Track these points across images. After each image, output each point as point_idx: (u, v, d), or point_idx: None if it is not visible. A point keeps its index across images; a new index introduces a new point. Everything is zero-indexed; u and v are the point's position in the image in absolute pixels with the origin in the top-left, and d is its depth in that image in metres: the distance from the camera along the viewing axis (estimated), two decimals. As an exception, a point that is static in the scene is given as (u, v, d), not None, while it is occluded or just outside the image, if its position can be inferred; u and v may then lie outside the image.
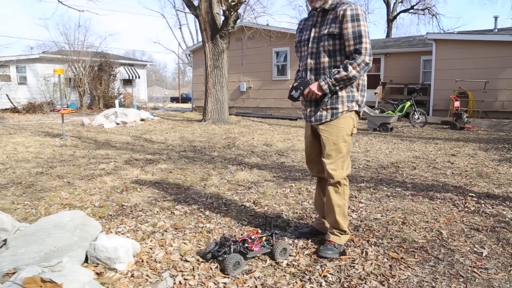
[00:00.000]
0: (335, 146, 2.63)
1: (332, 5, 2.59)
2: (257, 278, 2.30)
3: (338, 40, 2.55)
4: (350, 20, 2.49)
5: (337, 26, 2.53)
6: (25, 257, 2.20)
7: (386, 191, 4.40)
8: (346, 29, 2.50)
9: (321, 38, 2.59)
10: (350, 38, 2.50)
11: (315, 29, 2.65)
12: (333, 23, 2.55)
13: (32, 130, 10.84)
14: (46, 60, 20.22)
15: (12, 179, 4.99)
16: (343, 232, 2.74)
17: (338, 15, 2.53)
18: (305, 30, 2.76)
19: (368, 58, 2.49)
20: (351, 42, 2.50)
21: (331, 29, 2.55)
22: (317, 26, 2.65)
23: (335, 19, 2.54)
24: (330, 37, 2.55)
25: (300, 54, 2.82)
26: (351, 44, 2.51)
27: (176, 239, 2.87)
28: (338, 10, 2.54)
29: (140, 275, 2.28)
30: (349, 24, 2.49)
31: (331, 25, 2.55)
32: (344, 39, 2.52)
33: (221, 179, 4.93)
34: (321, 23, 2.64)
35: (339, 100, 2.60)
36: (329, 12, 2.61)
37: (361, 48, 2.48)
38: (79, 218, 2.56)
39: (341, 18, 2.51)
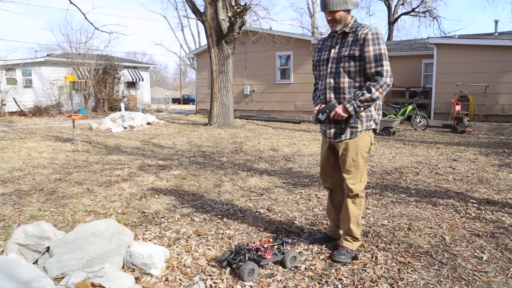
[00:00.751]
0: (354, 162, 2.81)
1: (352, 28, 2.76)
2: (279, 281, 2.54)
3: (358, 62, 2.72)
4: (372, 43, 2.65)
5: (357, 48, 2.69)
6: (70, 263, 2.44)
7: (391, 197, 4.63)
8: (367, 52, 2.66)
9: (341, 59, 2.75)
10: (372, 61, 2.66)
11: (335, 50, 2.81)
12: (353, 45, 2.71)
13: (42, 134, 11.09)
14: (51, 64, 20.50)
15: (33, 185, 5.23)
16: (356, 239, 2.96)
17: (359, 38, 2.69)
18: (323, 50, 2.93)
19: (389, 79, 2.66)
20: (373, 64, 2.67)
21: (351, 51, 2.71)
22: (336, 47, 2.81)
23: (355, 41, 2.71)
24: (350, 58, 2.71)
25: (318, 73, 2.97)
26: (372, 66, 2.67)
27: (200, 245, 3.11)
28: (359, 34, 2.70)
29: (173, 279, 2.53)
30: (370, 47, 2.65)
31: (351, 48, 2.71)
32: (365, 61, 2.69)
33: (233, 185, 5.17)
34: (340, 44, 2.80)
35: (359, 119, 2.77)
36: (349, 35, 2.77)
37: (383, 71, 2.64)
38: (113, 227, 2.79)
39: (362, 41, 2.67)
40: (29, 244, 2.61)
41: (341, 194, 3.13)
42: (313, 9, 31.59)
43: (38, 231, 2.62)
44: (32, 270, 2.19)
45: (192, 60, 32.26)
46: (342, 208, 3.00)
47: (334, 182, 3.07)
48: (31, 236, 2.60)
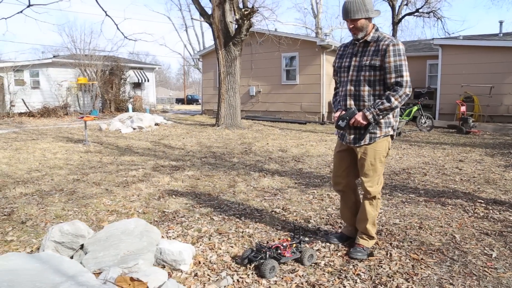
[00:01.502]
0: (372, 166, 2.95)
1: (373, 38, 2.86)
2: (301, 276, 2.70)
3: (378, 72, 2.83)
4: (393, 54, 2.76)
5: (378, 58, 2.80)
6: (105, 260, 2.61)
7: (401, 197, 4.78)
8: (388, 62, 2.77)
9: (362, 68, 2.86)
10: (392, 71, 2.78)
11: (356, 58, 2.92)
12: (374, 55, 2.82)
13: (52, 135, 11.28)
14: (58, 65, 20.73)
15: (53, 186, 5.41)
16: (371, 237, 3.12)
17: (380, 49, 2.80)
18: (345, 57, 3.03)
19: (408, 89, 2.79)
20: (393, 75, 2.78)
21: (372, 61, 2.82)
22: (357, 55, 2.92)
23: (377, 52, 2.81)
24: (371, 68, 2.82)
25: (339, 79, 3.09)
26: (392, 77, 2.79)
27: (222, 242, 3.28)
28: (380, 44, 2.81)
29: (202, 274, 2.69)
30: (391, 58, 2.76)
31: (372, 57, 2.82)
32: (385, 72, 2.80)
33: (247, 185, 5.33)
34: (361, 53, 2.90)
35: (378, 126, 2.90)
36: (370, 44, 2.87)
37: (402, 81, 2.77)
38: (142, 226, 2.95)
39: (384, 52, 2.78)
40: (65, 242, 2.78)
41: (354, 195, 3.28)
42: (317, 9, 31.68)
43: (73, 230, 2.78)
44: (75, 265, 2.36)
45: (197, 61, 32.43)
46: (360, 209, 3.15)
47: (347, 184, 3.21)
48: (66, 234, 2.77)
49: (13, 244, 3.29)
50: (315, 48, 14.94)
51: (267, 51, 16.25)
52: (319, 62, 15.01)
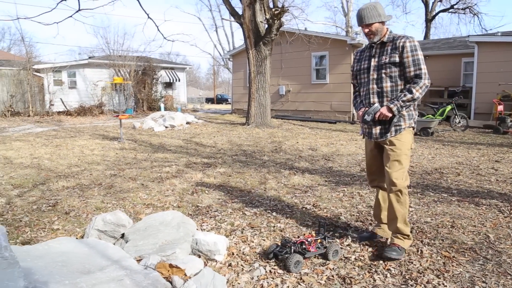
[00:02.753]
0: (397, 157, 3.01)
1: (389, 38, 3.07)
2: (332, 269, 2.77)
3: (398, 67, 3.02)
4: (410, 50, 2.96)
5: (397, 55, 3.00)
6: (145, 248, 2.76)
7: (432, 196, 4.74)
8: (407, 57, 2.97)
9: (382, 66, 3.06)
10: (411, 65, 2.96)
11: (374, 59, 3.11)
12: (393, 53, 3.02)
13: (89, 133, 11.74)
14: (94, 65, 21.47)
15: (92, 180, 5.68)
16: (406, 236, 3.09)
17: (397, 47, 3.00)
18: (363, 60, 3.23)
19: (427, 81, 2.96)
20: (412, 68, 2.97)
21: (392, 58, 3.01)
22: (376, 56, 3.11)
23: (394, 49, 3.01)
24: (391, 64, 3.02)
25: (359, 81, 3.28)
26: (411, 70, 2.97)
27: (255, 236, 3.38)
28: (397, 42, 3.01)
29: (236, 264, 2.80)
30: (409, 53, 2.96)
31: (391, 55, 3.02)
32: (404, 66, 2.99)
33: (277, 182, 5.42)
34: (379, 53, 3.10)
35: (402, 118, 3.04)
36: (387, 44, 3.07)
37: (421, 73, 2.95)
38: (178, 217, 3.10)
39: (401, 49, 2.98)
40: (107, 231, 2.96)
41: None
42: (347, 7, 31.36)
43: (115, 219, 2.96)
44: (119, 251, 2.52)
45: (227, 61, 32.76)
46: (388, 208, 3.14)
47: (381, 180, 3.25)
48: (109, 223, 2.94)
49: (59, 232, 3.51)
50: (345, 47, 14.85)
51: (296, 50, 16.27)
52: (350, 61, 14.88)
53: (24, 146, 9.02)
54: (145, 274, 2.20)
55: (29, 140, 10.01)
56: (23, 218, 3.98)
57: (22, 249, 2.12)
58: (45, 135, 11.17)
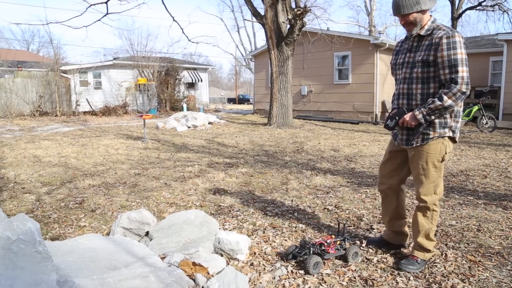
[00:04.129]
0: (424, 171, 2.70)
1: (428, 30, 2.63)
2: (354, 270, 2.75)
3: (432, 68, 2.59)
4: (446, 48, 2.50)
5: (431, 53, 2.57)
6: (169, 246, 2.82)
7: (458, 199, 4.65)
8: (441, 57, 2.52)
9: (415, 64, 2.66)
10: (446, 67, 2.52)
11: (410, 54, 2.73)
12: (427, 50, 2.59)
13: (114, 132, 11.99)
14: (118, 66, 21.91)
15: (117, 179, 5.80)
16: (428, 250, 2.83)
17: (433, 42, 2.56)
18: (400, 53, 2.85)
19: (465, 87, 2.49)
20: (447, 70, 2.52)
21: (425, 56, 2.59)
22: (412, 51, 2.73)
23: (430, 46, 2.58)
24: (424, 64, 2.60)
25: (395, 77, 2.91)
26: (446, 73, 2.53)
27: (277, 236, 3.40)
28: (434, 37, 2.57)
29: (257, 264, 2.83)
30: (444, 52, 2.51)
31: (425, 52, 2.60)
32: (439, 67, 2.56)
33: (299, 183, 5.42)
34: (416, 48, 2.70)
35: (431, 126, 2.65)
36: (424, 38, 2.65)
37: (457, 78, 2.48)
38: (201, 216, 3.14)
39: (437, 45, 2.54)
40: (132, 228, 3.03)
41: (396, 199, 3.05)
42: (370, 7, 30.97)
43: (140, 217, 3.03)
44: (144, 248, 2.58)
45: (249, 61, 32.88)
46: (412, 218, 2.92)
47: (391, 186, 3.01)
48: (134, 221, 3.01)
49: (86, 229, 3.62)
50: (368, 46, 14.68)
51: (319, 50, 16.19)
52: (373, 61, 14.72)
53: (52, 145, 9.29)
54: (169, 271, 2.24)
55: (56, 139, 10.30)
56: (51, 215, 4.12)
57: (53, 244, 2.20)
58: (71, 135, 11.47)
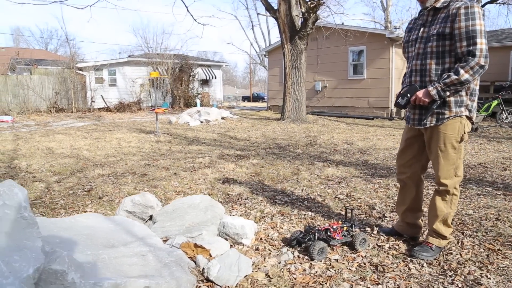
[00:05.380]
0: (442, 153, 2.54)
1: (444, 3, 2.48)
2: (364, 257, 2.63)
3: (448, 41, 2.43)
4: (464, 19, 2.34)
5: (448, 25, 2.41)
6: (172, 229, 2.74)
7: (475, 190, 4.46)
8: (458, 28, 2.36)
9: (429, 38, 2.49)
10: (463, 39, 2.35)
11: (424, 29, 2.57)
12: (443, 22, 2.44)
13: (127, 127, 12.02)
14: (133, 63, 22.06)
15: (126, 169, 5.77)
16: (444, 237, 2.69)
17: (450, 14, 2.41)
18: (414, 30, 2.68)
19: (484, 60, 2.31)
20: (464, 43, 2.35)
21: (441, 28, 2.43)
22: (426, 25, 2.57)
23: (446, 18, 2.43)
24: (439, 37, 2.44)
25: (407, 55, 2.73)
26: (463, 45, 2.36)
27: (284, 223, 3.29)
28: (451, 9, 2.41)
29: (263, 249, 2.72)
30: (462, 23, 2.35)
31: (441, 24, 2.44)
32: (455, 40, 2.39)
33: (311, 174, 5.29)
34: (431, 22, 2.54)
35: (446, 104, 2.49)
36: (440, 11, 2.50)
37: (475, 50, 2.31)
38: (207, 201, 3.05)
39: (454, 16, 2.38)
40: (136, 212, 2.96)
41: (415, 190, 2.89)
42: (386, 2, 30.52)
43: (144, 201, 2.95)
44: (145, 229, 2.51)
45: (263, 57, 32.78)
46: (430, 203, 2.77)
47: (412, 175, 2.84)
48: (137, 204, 2.94)
49: (91, 215, 3.57)
50: (383, 41, 14.41)
51: (333, 45, 15.97)
52: (388, 56, 14.44)
53: (65, 138, 9.35)
54: (169, 251, 2.16)
55: (70, 133, 10.37)
56: (59, 201, 4.09)
57: (50, 220, 2.14)
58: (85, 129, 11.55)
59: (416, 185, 2.88)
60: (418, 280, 2.35)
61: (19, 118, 15.45)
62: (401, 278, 2.35)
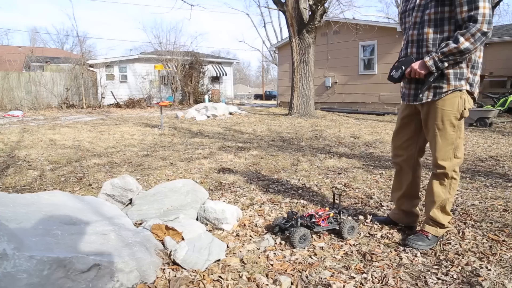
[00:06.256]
0: (439, 131, 2.33)
1: None
2: (352, 245, 2.43)
3: (447, 7, 2.22)
4: None
5: None
6: (149, 212, 2.58)
7: (484, 181, 4.21)
8: None
9: (427, 5, 2.28)
10: (464, 3, 2.13)
11: None
12: None
13: (133, 121, 11.96)
14: (144, 60, 22.08)
15: (123, 159, 5.65)
16: (441, 225, 2.47)
17: None
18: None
19: (486, 26, 2.09)
20: (465, 7, 2.13)
21: None
22: None
23: None
24: (438, 3, 2.23)
25: (404, 26, 2.52)
26: (464, 11, 2.14)
27: (273, 210, 3.10)
28: None
29: (244, 234, 2.54)
30: None
31: None
32: (455, 5, 2.18)
33: (311, 165, 5.09)
34: None
35: (444, 77, 2.27)
36: None
37: (477, 15, 2.08)
38: (189, 185, 2.89)
39: None
40: (115, 195, 2.81)
41: (412, 174, 2.67)
42: (401, -1, 30.00)
43: (123, 183, 2.80)
44: (114, 209, 2.35)
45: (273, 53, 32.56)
46: (427, 188, 2.56)
47: (408, 158, 2.62)
48: (116, 187, 2.80)
49: (73, 200, 3.44)
50: (395, 35, 14.06)
51: (343, 40, 15.68)
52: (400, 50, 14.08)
53: (70, 131, 9.31)
54: (136, 232, 2.00)
55: (76, 127, 10.34)
56: (47, 188, 3.99)
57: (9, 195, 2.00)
58: (92, 123, 11.52)
59: (413, 169, 2.66)
60: (409, 270, 2.14)
61: (30, 113, 15.56)
62: (390, 267, 2.15)
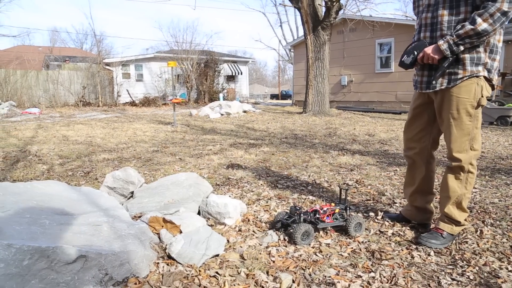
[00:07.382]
0: (455, 120, 2.16)
1: None
2: (361, 242, 2.29)
3: None
4: None
5: None
6: (149, 205, 2.49)
7: (505, 179, 4.00)
8: None
9: None
10: None
11: None
12: None
13: (147, 119, 11.98)
14: (159, 59, 22.18)
15: (133, 154, 5.61)
16: (457, 222, 2.30)
17: None
18: None
19: (507, 5, 1.90)
20: None
21: None
22: None
23: None
24: None
25: (417, 10, 2.35)
26: None
27: (280, 206, 2.99)
28: None
29: (247, 230, 2.43)
30: None
31: None
32: None
33: (322, 161, 4.95)
34: None
35: (460, 62, 2.09)
36: None
37: None
38: (193, 178, 2.80)
39: None
40: (116, 187, 2.74)
41: (425, 168, 2.51)
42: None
43: (124, 176, 2.73)
44: (111, 201, 2.27)
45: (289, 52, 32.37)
46: (441, 183, 2.38)
47: (421, 150, 2.45)
48: (118, 179, 2.72)
49: (77, 193, 3.38)
50: (412, 31, 13.71)
51: (359, 38, 15.42)
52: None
53: (84, 128, 9.36)
54: (131, 224, 1.91)
55: (90, 124, 10.40)
56: (53, 182, 3.94)
57: (1, 184, 1.94)
58: (106, 120, 11.58)
59: (426, 162, 2.49)
60: (421, 269, 1.99)
61: (47, 111, 15.77)
62: (400, 266, 2.01)
